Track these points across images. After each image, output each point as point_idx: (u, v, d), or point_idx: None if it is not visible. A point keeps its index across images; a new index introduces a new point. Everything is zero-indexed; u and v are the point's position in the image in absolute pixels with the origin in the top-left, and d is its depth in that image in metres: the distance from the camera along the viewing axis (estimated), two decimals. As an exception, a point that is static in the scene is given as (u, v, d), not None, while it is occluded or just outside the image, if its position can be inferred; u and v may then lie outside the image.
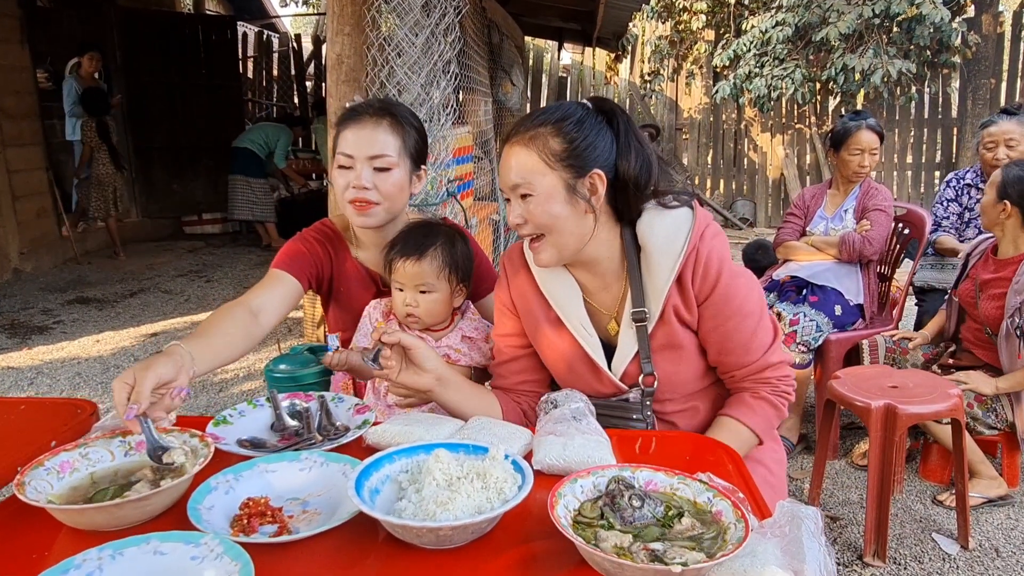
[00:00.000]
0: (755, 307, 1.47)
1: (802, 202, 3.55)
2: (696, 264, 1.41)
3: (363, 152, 1.66)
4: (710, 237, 1.43)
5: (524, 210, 1.39)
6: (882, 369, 2.79)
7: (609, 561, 0.91)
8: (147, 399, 1.20)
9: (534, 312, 1.56)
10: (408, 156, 1.71)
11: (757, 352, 1.47)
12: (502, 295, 1.62)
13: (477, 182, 4.71)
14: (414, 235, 1.69)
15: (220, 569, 0.93)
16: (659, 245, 1.43)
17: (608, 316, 1.53)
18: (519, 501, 1.02)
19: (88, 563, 0.94)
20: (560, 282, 1.52)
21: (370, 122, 1.68)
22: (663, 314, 1.44)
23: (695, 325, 1.47)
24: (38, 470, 1.14)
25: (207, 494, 1.12)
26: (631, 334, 1.47)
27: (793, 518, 0.99)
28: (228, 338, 1.51)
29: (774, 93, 7.72)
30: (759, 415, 1.48)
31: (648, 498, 1.05)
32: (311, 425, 1.41)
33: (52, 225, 7.11)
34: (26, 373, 4.36)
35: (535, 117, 1.41)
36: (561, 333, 1.52)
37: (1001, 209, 2.67)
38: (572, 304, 1.51)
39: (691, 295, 1.43)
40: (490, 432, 1.30)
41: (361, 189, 1.66)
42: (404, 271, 1.66)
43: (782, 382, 1.50)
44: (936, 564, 2.47)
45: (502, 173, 1.42)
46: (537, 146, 1.37)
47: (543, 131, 1.37)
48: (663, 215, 1.44)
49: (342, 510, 1.10)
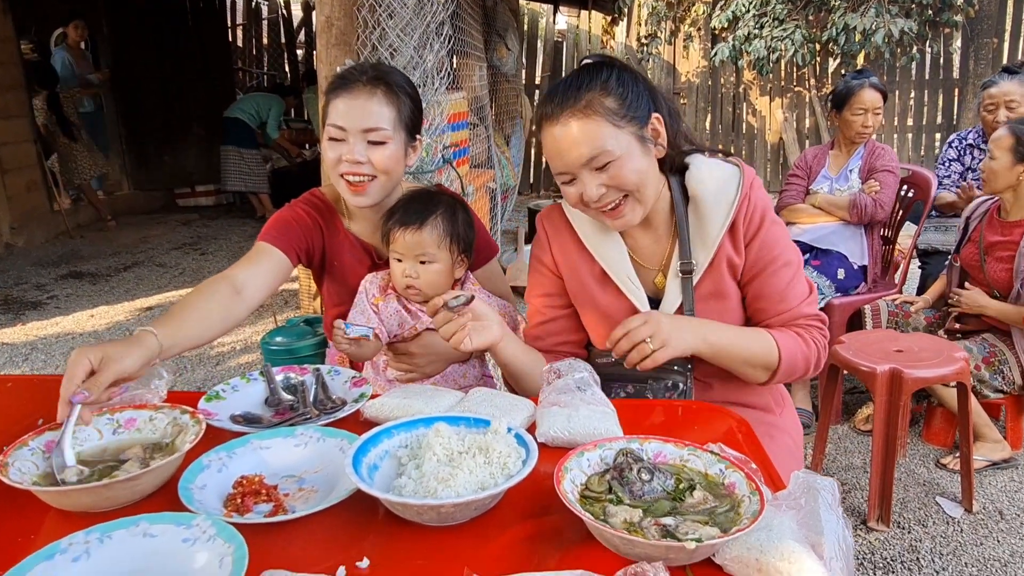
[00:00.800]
0: (794, 259, 1.48)
1: (804, 163, 3.47)
2: (748, 211, 1.44)
3: (356, 124, 1.57)
4: (758, 188, 1.47)
5: (606, 179, 1.35)
6: (887, 333, 2.75)
7: (619, 538, 0.87)
8: (100, 391, 1.14)
9: (579, 270, 1.55)
10: (403, 127, 1.62)
11: (793, 302, 1.46)
12: (542, 256, 1.60)
13: (473, 149, 4.62)
14: (413, 204, 1.62)
15: (213, 551, 0.89)
16: (712, 193, 1.44)
17: (655, 271, 1.53)
18: (524, 477, 0.98)
19: (75, 547, 0.90)
20: (606, 238, 1.52)
21: (363, 92, 1.58)
22: (713, 261, 1.46)
23: (740, 273, 1.47)
24: (22, 450, 1.10)
25: (199, 473, 1.08)
26: (676, 284, 1.47)
27: (809, 489, 0.95)
28: (204, 320, 1.43)
29: (773, 55, 7.57)
30: (786, 336, 1.43)
31: (657, 471, 1.01)
32: (306, 399, 1.36)
33: (43, 199, 7.01)
34: (20, 349, 4.31)
35: (569, 88, 1.35)
36: (607, 289, 1.52)
37: (1021, 171, 2.60)
38: (619, 258, 1.51)
39: (740, 239, 1.45)
40: (491, 404, 1.26)
41: (354, 163, 1.57)
42: (403, 241, 1.59)
43: (814, 328, 1.47)
44: (940, 527, 2.46)
45: (564, 153, 1.35)
46: (596, 112, 1.33)
47: (592, 96, 1.33)
48: (711, 165, 1.47)
49: (340, 487, 1.06)
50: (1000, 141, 2.67)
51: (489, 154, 5.40)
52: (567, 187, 1.39)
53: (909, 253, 3.49)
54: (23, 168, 6.73)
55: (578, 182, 1.36)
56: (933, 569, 2.25)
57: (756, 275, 1.46)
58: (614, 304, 1.52)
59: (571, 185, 1.38)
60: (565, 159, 1.35)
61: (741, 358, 1.41)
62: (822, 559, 0.85)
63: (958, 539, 2.40)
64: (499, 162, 5.95)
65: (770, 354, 1.41)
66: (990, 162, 2.70)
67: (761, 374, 1.44)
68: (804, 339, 1.44)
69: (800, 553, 0.84)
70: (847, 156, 3.37)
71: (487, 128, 5.37)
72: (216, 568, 0.87)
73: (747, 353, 1.41)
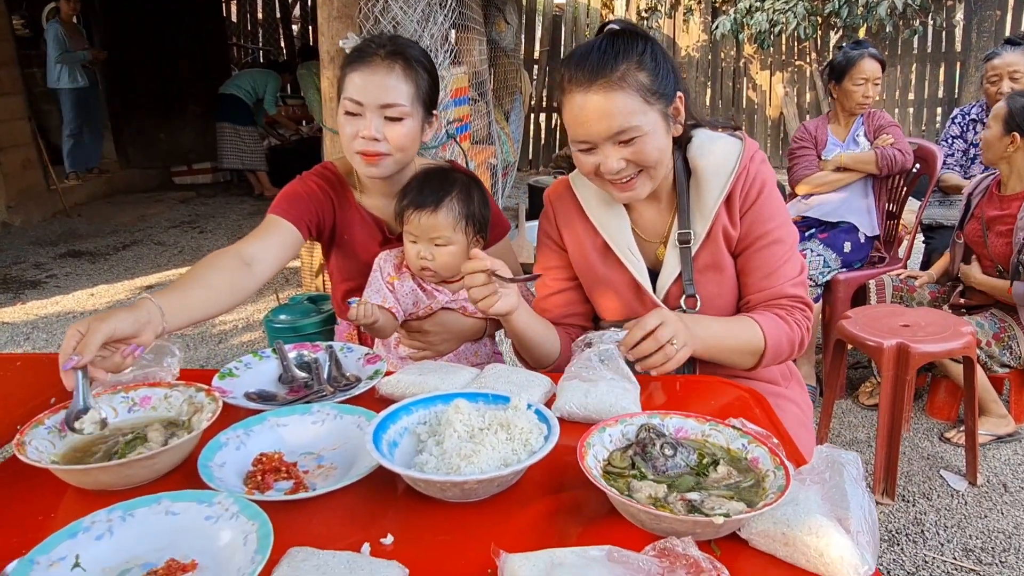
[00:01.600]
0: (787, 238, 1.47)
1: (808, 134, 3.41)
2: (746, 183, 1.45)
3: (373, 100, 1.53)
4: (759, 161, 1.46)
5: (628, 154, 1.33)
6: (893, 308, 2.75)
7: (646, 513, 0.87)
8: (92, 352, 1.10)
9: (582, 241, 1.55)
10: (421, 103, 1.59)
11: (778, 280, 1.45)
12: (548, 230, 1.61)
13: (473, 125, 4.58)
14: (428, 184, 1.58)
15: (237, 529, 0.89)
16: (711, 165, 1.45)
17: (656, 243, 1.54)
18: (547, 453, 0.98)
19: (98, 525, 0.89)
20: (610, 210, 1.52)
21: (381, 66, 1.53)
22: (710, 232, 1.46)
23: (735, 245, 1.47)
24: (38, 429, 1.09)
25: (217, 450, 1.07)
26: (675, 254, 1.48)
27: (833, 464, 0.95)
28: (211, 291, 1.39)
29: (775, 28, 7.50)
30: (770, 320, 1.43)
31: (680, 446, 1.00)
32: (321, 376, 1.36)
33: (39, 177, 6.95)
34: (21, 328, 4.30)
35: (605, 56, 1.31)
36: (608, 259, 1.53)
37: (1009, 142, 2.59)
38: (620, 230, 1.51)
39: (736, 210, 1.45)
40: (508, 380, 1.25)
41: (371, 140, 1.54)
42: (418, 223, 1.56)
43: (796, 310, 1.46)
44: (944, 500, 2.47)
45: (590, 123, 1.32)
46: (630, 86, 1.30)
47: (627, 69, 1.30)
48: (714, 138, 1.48)
49: (359, 464, 1.05)
50: (996, 111, 2.66)
51: (489, 130, 5.35)
52: (584, 155, 1.37)
53: (914, 228, 3.48)
54: (19, 146, 6.67)
55: (598, 153, 1.35)
56: (938, 541, 2.27)
57: (746, 247, 1.47)
58: (616, 276, 1.52)
59: (589, 154, 1.36)
60: (590, 129, 1.32)
61: (729, 348, 1.41)
62: (848, 532, 0.85)
63: (962, 512, 2.41)
64: (499, 138, 5.90)
65: (756, 341, 1.41)
66: (984, 132, 2.70)
67: (748, 360, 1.44)
68: (787, 322, 1.44)
69: (828, 527, 0.84)
70: (846, 128, 3.34)
71: (487, 104, 5.31)
72: (241, 545, 0.86)
73: (734, 343, 1.41)
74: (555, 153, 8.72)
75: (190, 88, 8.50)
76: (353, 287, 1.77)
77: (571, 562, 0.79)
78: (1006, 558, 2.18)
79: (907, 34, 7.76)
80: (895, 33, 7.66)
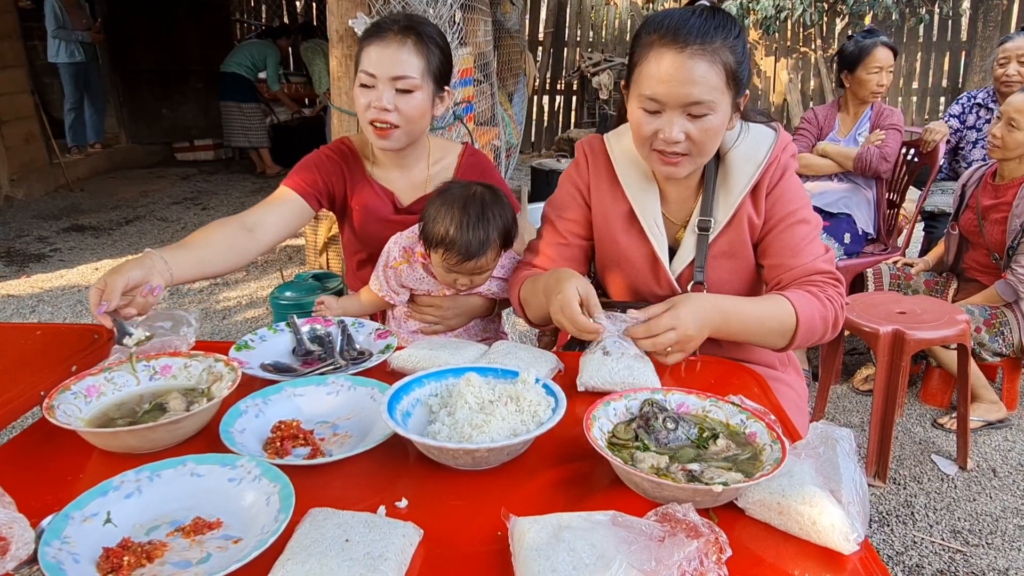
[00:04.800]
0: (811, 219, 1.47)
1: (814, 119, 3.46)
2: (774, 172, 1.45)
3: (386, 72, 1.60)
4: (790, 154, 1.47)
5: (693, 129, 1.31)
6: (890, 295, 2.79)
7: (649, 481, 0.91)
8: (116, 297, 1.24)
9: (607, 204, 1.54)
10: (432, 77, 1.64)
11: (806, 257, 1.43)
12: (577, 180, 1.58)
13: (478, 107, 4.58)
14: (475, 225, 1.53)
15: (259, 490, 0.93)
16: (741, 154, 1.45)
17: (678, 226, 1.53)
18: (554, 423, 1.02)
19: (127, 484, 0.94)
20: (642, 180, 1.51)
21: (395, 40, 1.60)
22: (733, 220, 1.46)
23: (759, 232, 1.47)
24: (65, 394, 1.13)
25: (237, 417, 1.12)
26: (693, 240, 1.48)
27: (827, 439, 0.99)
28: (211, 249, 1.51)
29: (781, 14, 7.48)
30: (802, 297, 1.38)
31: (682, 420, 1.05)
32: (333, 349, 1.40)
33: (42, 151, 6.95)
34: (27, 301, 4.33)
35: (707, 23, 1.28)
36: (631, 229, 1.52)
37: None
38: (649, 203, 1.50)
39: (762, 198, 1.45)
40: (515, 356, 1.30)
41: (382, 111, 1.60)
42: (467, 266, 1.56)
43: (829, 286, 1.42)
44: (935, 484, 2.53)
45: (672, 84, 1.27)
46: (721, 62, 1.28)
47: (723, 45, 1.28)
48: (747, 128, 1.46)
49: (373, 433, 1.10)
50: (1014, 109, 2.65)
51: (493, 112, 5.36)
52: (647, 116, 1.33)
53: (914, 217, 3.52)
54: (21, 119, 6.66)
55: (664, 117, 1.31)
56: (927, 523, 2.33)
57: (771, 229, 1.46)
58: (636, 248, 1.51)
59: (653, 116, 1.32)
60: (671, 89, 1.28)
61: (757, 328, 1.37)
62: (840, 503, 0.89)
63: (952, 495, 2.47)
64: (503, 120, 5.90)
65: (787, 319, 1.36)
66: (1015, 132, 2.65)
67: (779, 340, 1.39)
68: (820, 299, 1.38)
69: (820, 497, 0.88)
70: (855, 118, 3.37)
71: (492, 85, 5.31)
72: (264, 505, 0.91)
73: (762, 322, 1.36)
74: (557, 136, 8.72)
75: (192, 64, 8.49)
76: (364, 258, 1.83)
77: (577, 525, 0.84)
78: (992, 540, 2.24)
79: (913, 22, 7.74)
80: (901, 21, 7.64)
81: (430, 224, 1.55)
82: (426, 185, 1.78)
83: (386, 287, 1.66)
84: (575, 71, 9.02)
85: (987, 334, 2.66)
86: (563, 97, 9.19)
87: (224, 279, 4.64)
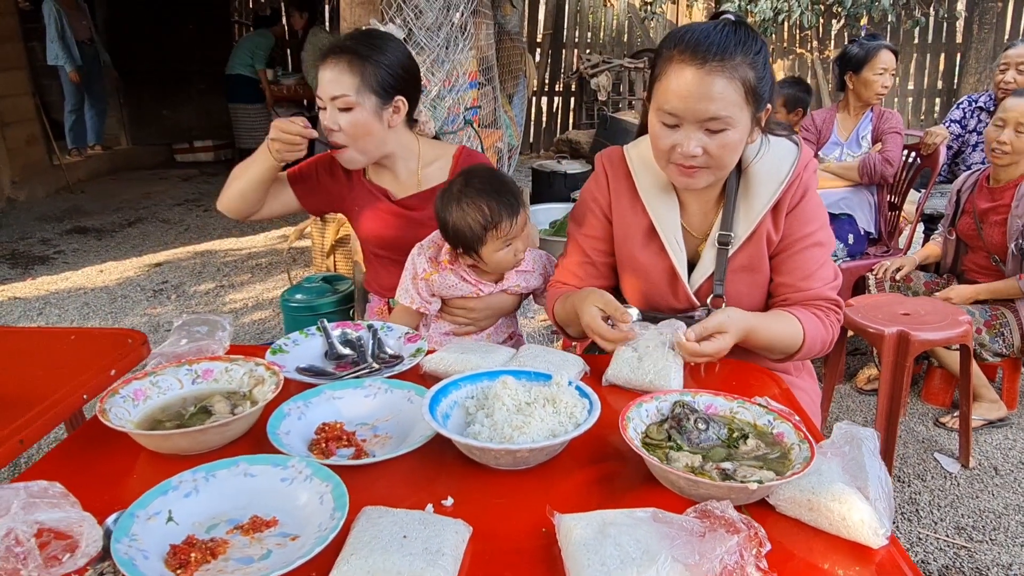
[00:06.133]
0: (827, 242, 1.50)
1: (813, 125, 3.52)
2: (796, 190, 1.48)
3: (326, 93, 1.69)
4: (812, 171, 1.48)
5: (711, 144, 1.33)
6: (893, 297, 2.84)
7: (685, 479, 0.96)
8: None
9: (627, 218, 1.57)
10: (370, 91, 1.69)
11: (816, 282, 1.48)
12: (598, 194, 1.61)
13: (482, 109, 4.62)
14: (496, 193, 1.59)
15: (312, 490, 0.97)
16: (764, 170, 1.47)
17: (699, 239, 1.56)
18: (591, 424, 1.07)
19: (184, 484, 0.98)
20: (662, 195, 1.53)
21: (332, 61, 1.69)
22: (753, 236, 1.48)
23: (774, 247, 1.50)
24: (115, 398, 1.17)
25: (282, 420, 1.16)
26: (712, 254, 1.51)
27: (852, 439, 1.04)
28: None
29: (779, 16, 7.54)
30: (810, 318, 1.46)
31: (712, 421, 1.10)
32: (366, 353, 1.44)
33: (43, 153, 6.97)
34: (33, 304, 4.35)
35: (727, 39, 1.30)
36: (651, 243, 1.55)
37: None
38: (669, 217, 1.52)
39: (783, 215, 1.48)
40: (544, 360, 1.34)
41: (328, 131, 1.71)
42: (516, 226, 1.60)
43: (832, 313, 1.50)
44: (938, 482, 2.59)
45: (690, 99, 1.29)
46: (740, 78, 1.29)
47: (742, 61, 1.30)
48: (768, 142, 1.47)
49: (414, 434, 1.14)
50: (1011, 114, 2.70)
51: (496, 115, 5.40)
52: (665, 130, 1.36)
53: (916, 219, 3.58)
54: (23, 121, 6.68)
55: (681, 131, 1.34)
56: (931, 520, 2.39)
57: (786, 247, 1.49)
58: (653, 261, 1.54)
59: (671, 130, 1.35)
60: (688, 105, 1.30)
61: (771, 342, 1.43)
62: (868, 500, 0.94)
63: (955, 492, 2.53)
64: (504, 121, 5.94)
65: (796, 337, 1.44)
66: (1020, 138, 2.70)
67: (782, 355, 1.48)
68: (824, 324, 1.47)
69: (850, 494, 0.93)
70: (855, 120, 3.43)
71: (495, 88, 5.36)
72: (318, 504, 0.95)
73: (777, 337, 1.43)
74: (556, 137, 8.76)
75: (193, 65, 8.49)
76: (375, 256, 1.95)
77: (621, 521, 0.88)
78: (996, 536, 2.30)
79: (909, 24, 7.82)
80: (897, 23, 7.72)
81: (461, 226, 1.58)
82: (419, 184, 1.86)
83: (419, 299, 1.69)
84: (574, 73, 9.07)
85: (987, 335, 2.72)
86: (561, 98, 9.23)
87: (230, 281, 4.67)
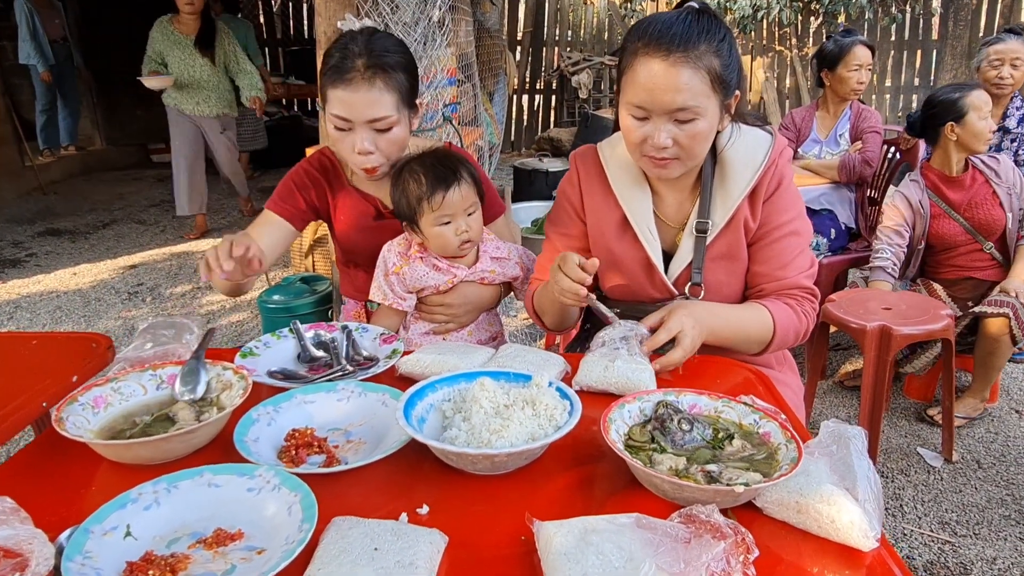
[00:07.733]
0: (803, 231, 1.50)
1: (792, 123, 3.53)
2: (772, 178, 1.48)
3: (360, 117, 1.56)
4: (786, 159, 1.49)
5: (680, 134, 1.34)
6: (875, 292, 2.84)
7: (670, 483, 0.92)
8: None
9: (600, 212, 1.56)
10: (405, 104, 1.62)
11: (792, 271, 1.49)
12: (570, 194, 1.62)
13: (462, 107, 4.58)
14: (438, 165, 1.58)
15: (280, 500, 0.93)
16: (739, 158, 1.47)
17: (675, 229, 1.55)
18: (572, 427, 1.03)
19: (145, 496, 0.93)
20: (634, 187, 1.53)
21: (362, 83, 1.54)
22: (730, 223, 1.48)
23: (752, 235, 1.50)
24: (73, 406, 1.12)
25: (250, 426, 1.11)
26: (690, 243, 1.50)
27: (840, 438, 1.01)
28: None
29: (758, 13, 7.56)
30: (780, 308, 1.46)
31: (696, 422, 1.06)
32: (339, 355, 1.39)
33: (14, 154, 6.81)
34: (4, 308, 4.25)
35: (690, 29, 1.30)
36: (625, 235, 1.54)
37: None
38: (642, 208, 1.52)
39: (759, 203, 1.48)
40: (524, 360, 1.30)
41: (365, 154, 1.59)
42: (452, 200, 1.56)
43: (806, 301, 1.50)
44: (921, 476, 2.58)
45: (656, 91, 1.30)
46: (705, 67, 1.30)
47: (707, 49, 1.30)
48: (742, 131, 1.48)
49: (388, 439, 1.10)
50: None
51: (476, 112, 5.35)
52: (636, 122, 1.36)
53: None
54: (-8, 122, 6.53)
55: (651, 123, 1.34)
56: (916, 515, 2.38)
57: (763, 236, 1.49)
58: (630, 253, 1.54)
59: (641, 123, 1.35)
60: (656, 97, 1.31)
61: (738, 335, 1.45)
62: (857, 501, 0.91)
63: (938, 487, 2.52)
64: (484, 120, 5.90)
65: (766, 329, 1.45)
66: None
67: (755, 347, 1.49)
68: (796, 312, 1.48)
69: (838, 495, 0.90)
70: (834, 118, 3.42)
71: (474, 86, 5.31)
72: (286, 515, 0.90)
73: (745, 330, 1.45)
74: (538, 135, 8.73)
75: (168, 65, 8.32)
76: (354, 265, 1.85)
77: (602, 528, 0.85)
78: (979, 530, 2.29)
79: (886, 21, 7.88)
80: (874, 20, 7.77)
81: (401, 197, 1.59)
82: None
83: (391, 294, 1.65)
84: (555, 70, 9.04)
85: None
86: (543, 96, 9.20)
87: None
